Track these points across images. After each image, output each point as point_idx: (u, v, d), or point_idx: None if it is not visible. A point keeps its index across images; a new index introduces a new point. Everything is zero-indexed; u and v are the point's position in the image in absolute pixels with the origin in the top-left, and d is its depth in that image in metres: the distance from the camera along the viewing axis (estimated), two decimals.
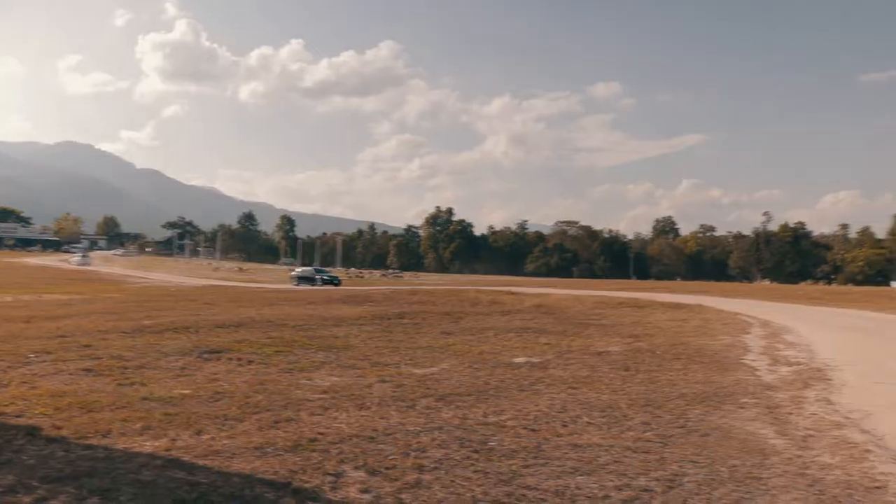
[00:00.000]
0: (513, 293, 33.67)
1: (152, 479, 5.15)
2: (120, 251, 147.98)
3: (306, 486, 5.16)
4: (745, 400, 8.95)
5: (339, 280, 60.69)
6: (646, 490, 5.26)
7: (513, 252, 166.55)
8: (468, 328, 16.80)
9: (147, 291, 32.64)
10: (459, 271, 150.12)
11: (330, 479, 5.31)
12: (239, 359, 10.92)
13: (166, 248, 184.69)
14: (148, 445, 6.01)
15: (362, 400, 8.15)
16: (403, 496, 5.01)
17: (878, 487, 5.58)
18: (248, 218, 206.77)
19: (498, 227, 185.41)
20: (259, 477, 5.29)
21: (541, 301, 27.79)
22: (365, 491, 5.09)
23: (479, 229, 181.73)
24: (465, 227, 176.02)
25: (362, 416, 7.38)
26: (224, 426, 6.74)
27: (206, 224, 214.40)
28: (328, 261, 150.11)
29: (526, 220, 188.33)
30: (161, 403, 7.60)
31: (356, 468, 5.58)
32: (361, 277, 78.98)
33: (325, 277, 59.42)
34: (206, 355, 11.11)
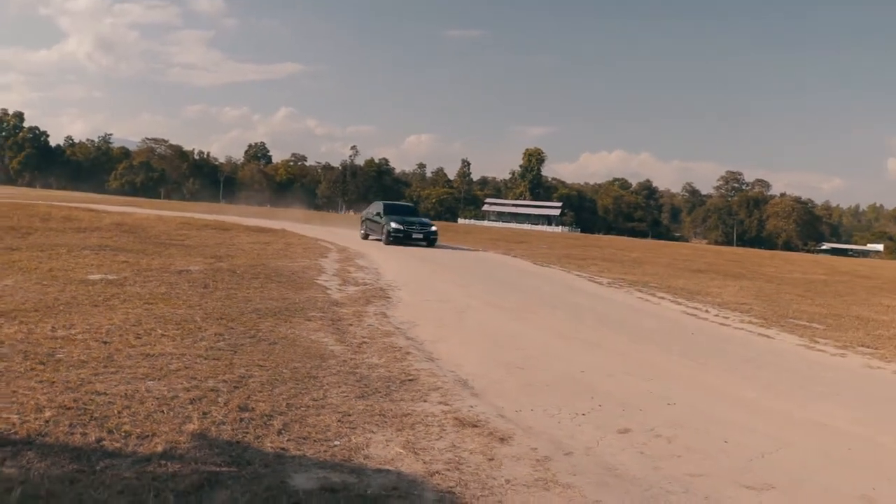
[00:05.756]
0: (91, 210, 31.51)
1: None
2: None
3: None
4: (313, 314, 9.83)
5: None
6: (213, 390, 5.65)
7: (95, 167, 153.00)
8: (37, 244, 15.39)
9: None
10: (30, 185, 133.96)
11: None
12: None
13: None
14: None
15: None
16: None
17: (410, 380, 6.75)
18: None
19: (78, 139, 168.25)
20: None
21: (122, 220, 26.38)
22: None
23: (56, 139, 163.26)
24: (38, 136, 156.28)
25: None
26: None
27: None
28: None
29: (111, 134, 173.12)
30: None
31: None
32: None
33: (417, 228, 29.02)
34: None
